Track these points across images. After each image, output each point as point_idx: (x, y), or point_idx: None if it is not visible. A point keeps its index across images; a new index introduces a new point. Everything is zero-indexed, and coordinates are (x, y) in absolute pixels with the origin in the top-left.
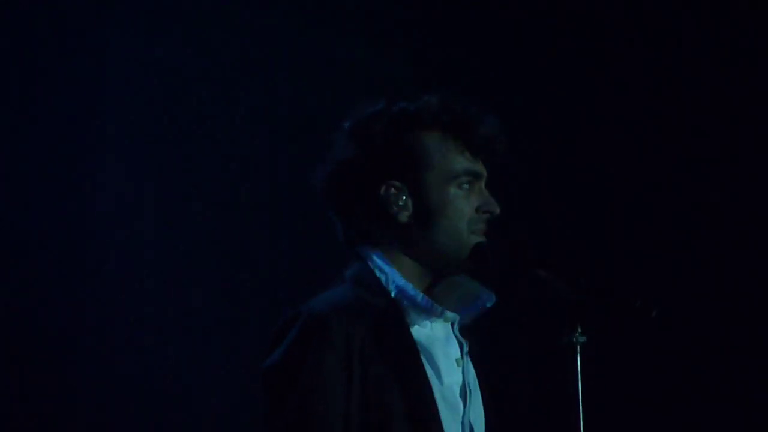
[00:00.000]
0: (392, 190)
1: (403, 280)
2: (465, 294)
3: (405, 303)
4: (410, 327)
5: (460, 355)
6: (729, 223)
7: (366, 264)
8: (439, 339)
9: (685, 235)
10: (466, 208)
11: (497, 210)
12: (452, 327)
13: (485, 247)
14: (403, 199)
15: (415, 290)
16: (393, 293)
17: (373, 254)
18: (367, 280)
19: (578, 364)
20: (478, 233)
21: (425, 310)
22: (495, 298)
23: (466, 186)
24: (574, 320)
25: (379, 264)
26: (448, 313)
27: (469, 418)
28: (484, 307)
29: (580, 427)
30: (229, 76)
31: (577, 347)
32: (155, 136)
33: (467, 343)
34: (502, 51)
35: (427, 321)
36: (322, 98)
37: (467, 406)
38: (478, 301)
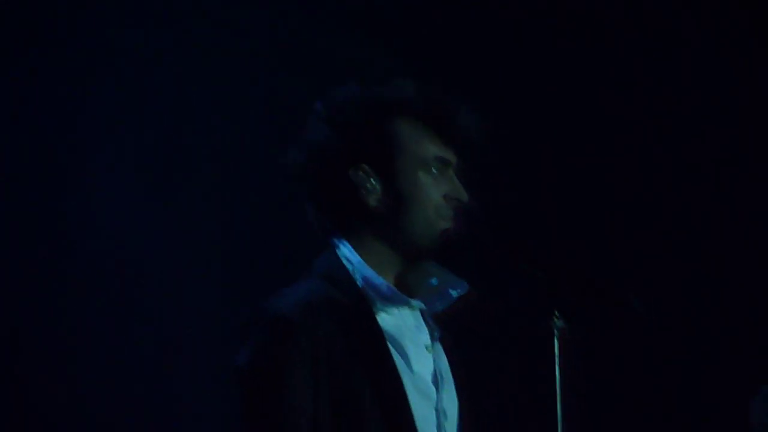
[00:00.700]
0: (361, 174)
1: (369, 270)
2: (435, 283)
3: (371, 293)
4: (377, 316)
5: (430, 342)
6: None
7: (334, 253)
8: (408, 327)
9: (673, 226)
10: (435, 195)
11: (465, 197)
12: (423, 315)
13: (452, 233)
14: (372, 183)
15: (380, 279)
16: (359, 283)
17: (341, 243)
18: (334, 271)
19: (556, 350)
20: (446, 220)
21: (391, 299)
22: (466, 287)
23: (435, 172)
24: (552, 305)
25: (347, 253)
26: (414, 302)
27: (443, 405)
28: (454, 295)
29: (557, 414)
30: (224, 71)
31: (555, 332)
32: (152, 133)
33: (438, 331)
34: (498, 43)
35: (395, 309)
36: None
37: (440, 393)
38: (448, 290)
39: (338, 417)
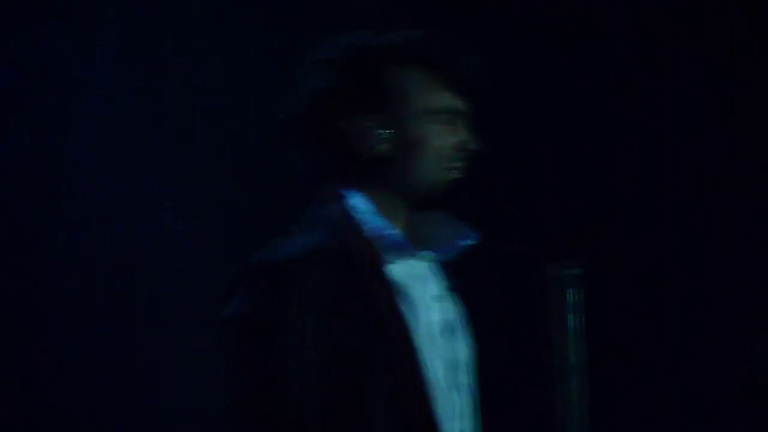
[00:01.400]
0: (368, 123)
1: (378, 219)
2: (445, 232)
3: (379, 242)
4: (385, 266)
5: (440, 292)
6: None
7: (339, 203)
8: (416, 277)
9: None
10: (444, 144)
11: (474, 146)
12: (432, 264)
13: (461, 183)
14: (380, 133)
15: (390, 229)
16: (367, 232)
17: (348, 193)
18: (338, 220)
19: (569, 297)
20: (455, 170)
21: (400, 249)
22: (476, 236)
23: (445, 122)
24: (564, 253)
25: (354, 203)
26: (424, 252)
27: (455, 355)
28: (465, 244)
29: (568, 361)
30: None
31: (566, 280)
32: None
33: (448, 280)
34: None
35: (404, 259)
36: None
37: (451, 343)
38: (458, 240)
39: (338, 367)
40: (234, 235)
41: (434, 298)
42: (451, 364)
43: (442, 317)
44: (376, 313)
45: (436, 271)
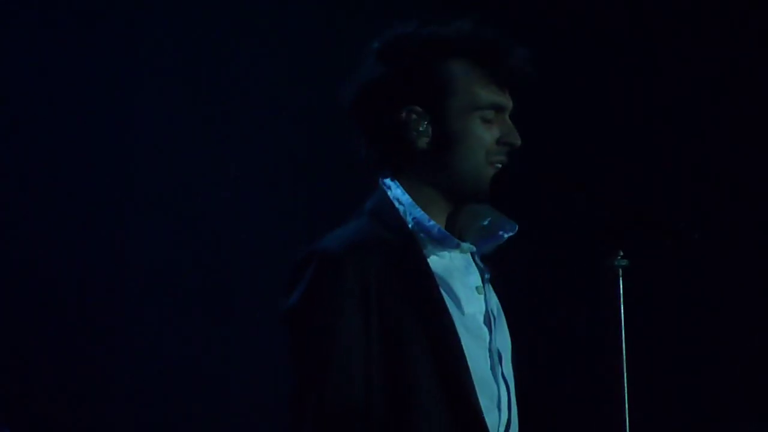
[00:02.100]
0: (413, 116)
1: (420, 212)
2: (485, 224)
3: (422, 235)
4: (427, 258)
5: (480, 284)
6: None
7: (385, 194)
8: (457, 269)
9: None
10: (487, 138)
11: (518, 142)
12: (472, 256)
13: (504, 177)
14: (424, 125)
15: (432, 221)
16: (410, 225)
17: (392, 184)
18: (384, 211)
19: (620, 289)
20: (498, 164)
21: (441, 241)
22: (515, 227)
23: (489, 117)
24: (615, 243)
25: (398, 194)
26: (465, 244)
27: (497, 346)
28: (504, 236)
29: (622, 352)
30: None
31: (619, 271)
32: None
33: (488, 272)
34: None
35: (445, 252)
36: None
37: (492, 334)
38: (498, 231)
39: (389, 356)
40: (308, 228)
41: (476, 290)
42: (494, 355)
43: (484, 308)
44: (420, 306)
45: (476, 262)
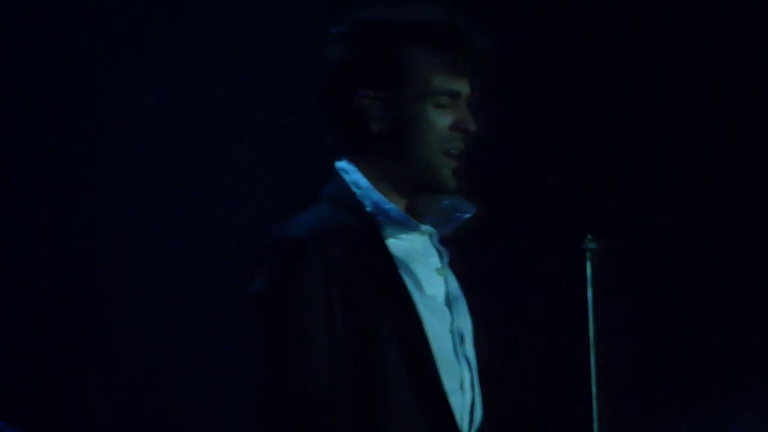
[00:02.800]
0: (366, 100)
1: (378, 195)
2: (444, 206)
3: (380, 218)
4: (387, 241)
5: (440, 266)
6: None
7: (342, 179)
8: (417, 251)
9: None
10: (439, 124)
11: (473, 128)
12: (431, 238)
13: (460, 163)
14: (378, 109)
15: (390, 204)
16: (368, 208)
17: (350, 168)
18: (343, 196)
19: (588, 272)
20: (452, 150)
21: (400, 224)
22: (474, 209)
23: (443, 103)
24: (585, 226)
25: (356, 179)
26: (424, 227)
27: (458, 326)
28: (463, 218)
29: (589, 335)
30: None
31: (588, 254)
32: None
33: (447, 254)
34: None
35: (404, 234)
36: None
37: (453, 314)
38: (457, 213)
39: (354, 342)
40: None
41: (436, 272)
42: (456, 335)
43: (445, 290)
44: (381, 289)
45: (435, 245)
